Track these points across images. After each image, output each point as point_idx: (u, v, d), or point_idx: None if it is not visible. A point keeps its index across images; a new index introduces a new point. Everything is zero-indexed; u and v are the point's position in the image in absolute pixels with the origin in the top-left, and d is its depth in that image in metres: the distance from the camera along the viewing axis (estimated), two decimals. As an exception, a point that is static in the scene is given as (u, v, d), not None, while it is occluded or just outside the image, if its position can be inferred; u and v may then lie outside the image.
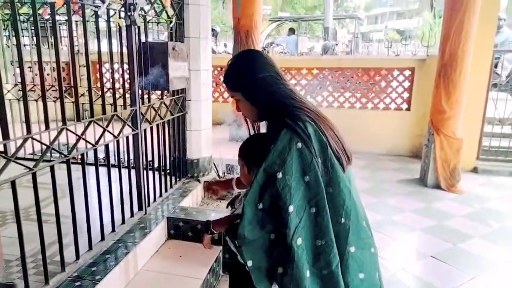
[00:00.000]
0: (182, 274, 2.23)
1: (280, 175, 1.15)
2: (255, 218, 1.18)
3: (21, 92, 1.61)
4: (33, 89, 3.89)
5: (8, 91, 3.66)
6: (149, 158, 2.75)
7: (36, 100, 3.77)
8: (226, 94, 7.29)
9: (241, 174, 1.47)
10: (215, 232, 1.45)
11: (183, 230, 2.62)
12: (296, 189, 1.16)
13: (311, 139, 1.18)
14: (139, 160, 2.52)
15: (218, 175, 3.36)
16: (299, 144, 1.16)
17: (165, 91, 2.96)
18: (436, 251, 3.31)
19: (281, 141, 1.17)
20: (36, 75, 4.59)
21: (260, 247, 1.20)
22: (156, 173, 2.92)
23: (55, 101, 3.45)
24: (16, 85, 3.88)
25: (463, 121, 4.68)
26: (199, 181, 3.33)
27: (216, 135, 6.02)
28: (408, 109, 6.38)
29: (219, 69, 7.28)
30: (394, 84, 6.42)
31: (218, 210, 2.87)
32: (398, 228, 3.80)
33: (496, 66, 7.15)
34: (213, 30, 9.91)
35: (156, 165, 2.93)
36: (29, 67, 4.99)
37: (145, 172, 2.60)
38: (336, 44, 9.82)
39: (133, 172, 2.50)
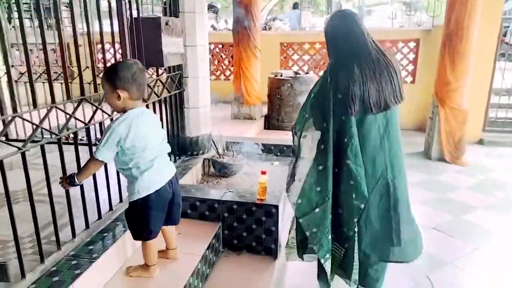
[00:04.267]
0: (180, 251, 2.24)
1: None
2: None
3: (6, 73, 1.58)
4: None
5: (5, 73, 3.62)
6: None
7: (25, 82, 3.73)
8: (228, 72, 7.20)
9: (107, 97, 1.74)
10: (79, 183, 1.78)
11: (182, 207, 2.62)
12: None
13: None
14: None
15: (218, 152, 3.33)
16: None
17: (161, 68, 2.91)
18: (438, 223, 3.29)
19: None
20: (37, 57, 4.55)
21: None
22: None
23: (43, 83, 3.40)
24: (12, 66, 3.84)
25: (469, 92, 4.57)
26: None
27: (218, 113, 5.98)
28: (412, 82, 6.24)
29: (220, 46, 7.16)
30: (398, 56, 6.27)
31: (217, 187, 2.86)
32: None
33: (505, 35, 6.91)
34: (214, 6, 9.69)
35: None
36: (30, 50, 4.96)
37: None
38: (340, 17, 9.52)
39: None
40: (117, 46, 2.37)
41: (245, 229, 2.54)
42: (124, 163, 1.77)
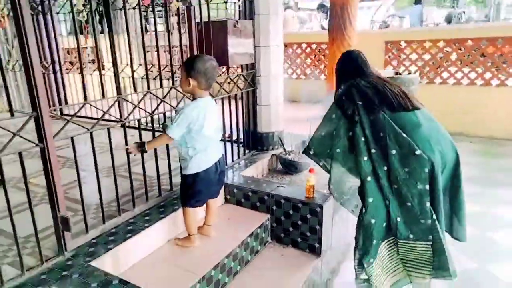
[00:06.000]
0: (223, 234, 2.45)
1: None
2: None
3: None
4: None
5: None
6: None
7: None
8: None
9: (181, 81, 2.09)
10: (146, 151, 2.12)
11: (237, 195, 2.83)
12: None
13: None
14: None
15: (284, 149, 3.44)
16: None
17: (235, 67, 3.17)
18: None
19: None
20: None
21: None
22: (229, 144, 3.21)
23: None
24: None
25: None
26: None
27: (313, 112, 6.01)
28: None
29: (324, 46, 7.16)
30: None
31: (271, 181, 2.97)
32: (494, 223, 3.31)
33: None
34: (324, 6, 9.69)
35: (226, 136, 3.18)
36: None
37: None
38: (464, 12, 8.51)
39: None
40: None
41: (291, 224, 2.61)
42: (183, 141, 2.10)
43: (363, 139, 2.04)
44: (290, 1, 11.99)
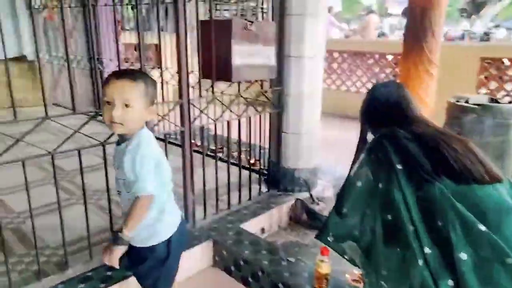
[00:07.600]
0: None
1: None
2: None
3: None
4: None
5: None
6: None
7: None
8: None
9: (138, 110, 1.27)
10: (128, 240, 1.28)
11: (226, 260, 2.06)
12: None
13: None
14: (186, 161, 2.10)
15: (311, 195, 2.57)
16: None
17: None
18: None
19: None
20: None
21: None
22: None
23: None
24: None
25: None
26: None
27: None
28: None
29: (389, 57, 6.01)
30: None
31: (284, 248, 2.12)
32: None
33: None
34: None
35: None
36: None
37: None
38: None
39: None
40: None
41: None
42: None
43: (411, 227, 1.20)
44: (373, 4, 10.80)
